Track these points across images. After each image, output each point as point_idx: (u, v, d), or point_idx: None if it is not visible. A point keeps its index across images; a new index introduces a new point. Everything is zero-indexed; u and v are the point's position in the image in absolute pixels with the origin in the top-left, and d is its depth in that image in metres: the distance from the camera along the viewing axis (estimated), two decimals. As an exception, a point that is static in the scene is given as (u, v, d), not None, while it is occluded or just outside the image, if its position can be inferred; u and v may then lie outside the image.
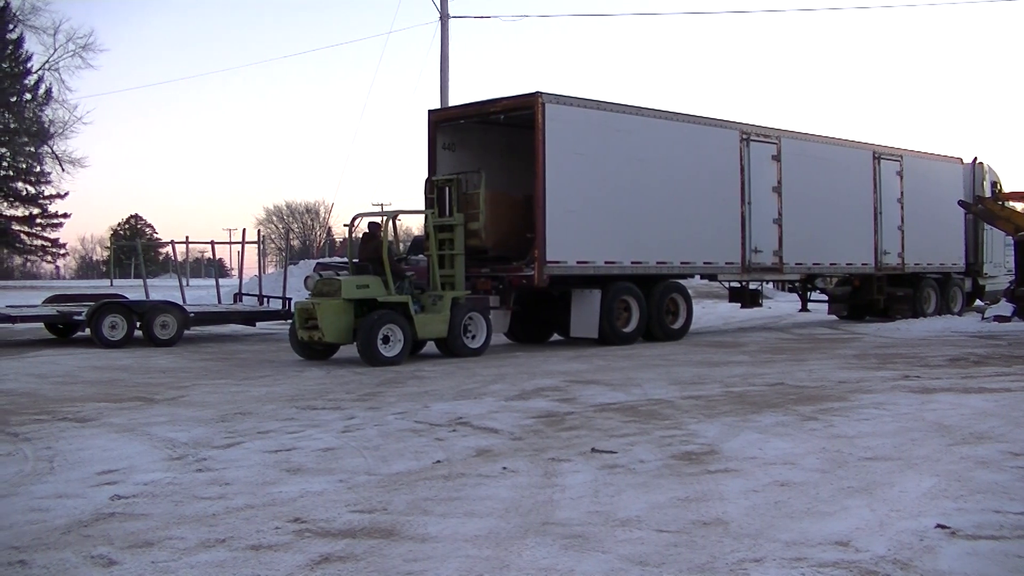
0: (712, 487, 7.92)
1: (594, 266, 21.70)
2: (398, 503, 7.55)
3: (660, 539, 6.49)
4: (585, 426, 11.08)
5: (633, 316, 22.60)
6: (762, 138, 25.49)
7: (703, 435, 10.35)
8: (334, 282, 19.03)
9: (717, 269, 24.94)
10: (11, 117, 71.57)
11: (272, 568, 6.04)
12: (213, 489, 8.14)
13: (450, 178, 21.14)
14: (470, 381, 15.70)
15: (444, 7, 38.76)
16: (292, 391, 14.74)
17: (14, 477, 8.77)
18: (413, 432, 10.84)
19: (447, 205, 20.93)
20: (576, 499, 7.60)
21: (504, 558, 6.15)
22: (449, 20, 38.95)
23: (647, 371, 16.72)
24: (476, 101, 22.98)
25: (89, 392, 14.90)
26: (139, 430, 11.23)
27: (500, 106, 22.00)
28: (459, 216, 20.48)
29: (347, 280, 19.01)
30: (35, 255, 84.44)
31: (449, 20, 38.95)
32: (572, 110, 21.32)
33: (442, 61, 38.56)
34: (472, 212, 20.97)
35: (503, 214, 21.60)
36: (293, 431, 11.03)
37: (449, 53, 38.70)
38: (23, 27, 70.64)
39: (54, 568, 6.09)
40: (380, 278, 18.81)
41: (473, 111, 22.90)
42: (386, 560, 6.15)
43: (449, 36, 38.82)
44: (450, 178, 21.14)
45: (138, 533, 6.81)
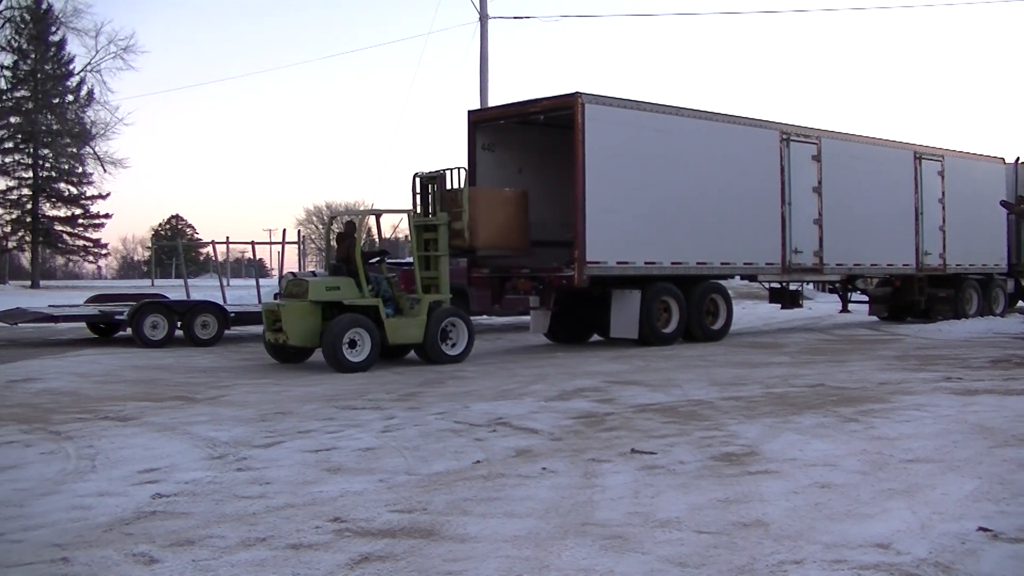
0: (752, 488, 7.90)
1: (634, 267, 21.64)
2: (438, 503, 7.57)
3: (700, 540, 6.49)
4: (625, 427, 11.08)
5: (673, 317, 22.54)
6: (802, 138, 25.37)
7: (743, 436, 10.32)
8: (302, 283, 18.41)
9: (757, 270, 24.84)
10: (53, 118, 72.15)
11: (312, 567, 6.06)
12: (254, 488, 8.18)
13: (434, 174, 20.35)
14: (510, 381, 15.71)
15: (483, 8, 38.78)
16: (332, 391, 14.78)
17: (57, 475, 8.83)
18: (453, 432, 10.85)
19: (431, 203, 20.19)
20: (616, 500, 7.60)
21: (543, 558, 6.16)
22: (488, 20, 38.97)
23: (687, 372, 16.68)
24: (516, 101, 22.94)
25: (130, 391, 14.98)
26: (180, 429, 11.29)
27: (540, 106, 21.95)
28: (442, 215, 19.55)
29: (315, 281, 18.48)
30: (77, 255, 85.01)
31: (488, 20, 38.97)
32: (612, 110, 21.27)
33: (481, 61, 38.57)
34: (456, 211, 20.02)
35: (491, 212, 20.62)
36: (333, 431, 11.07)
37: (488, 53, 38.74)
38: (65, 29, 71.37)
39: (96, 566, 6.14)
40: (354, 280, 18.29)
41: (513, 111, 22.86)
42: (426, 560, 6.16)
43: (488, 36, 38.86)
44: (434, 174, 20.35)
45: (179, 532, 6.86)
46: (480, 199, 20.22)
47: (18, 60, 73.99)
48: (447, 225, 19.37)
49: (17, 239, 79.29)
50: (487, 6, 38.91)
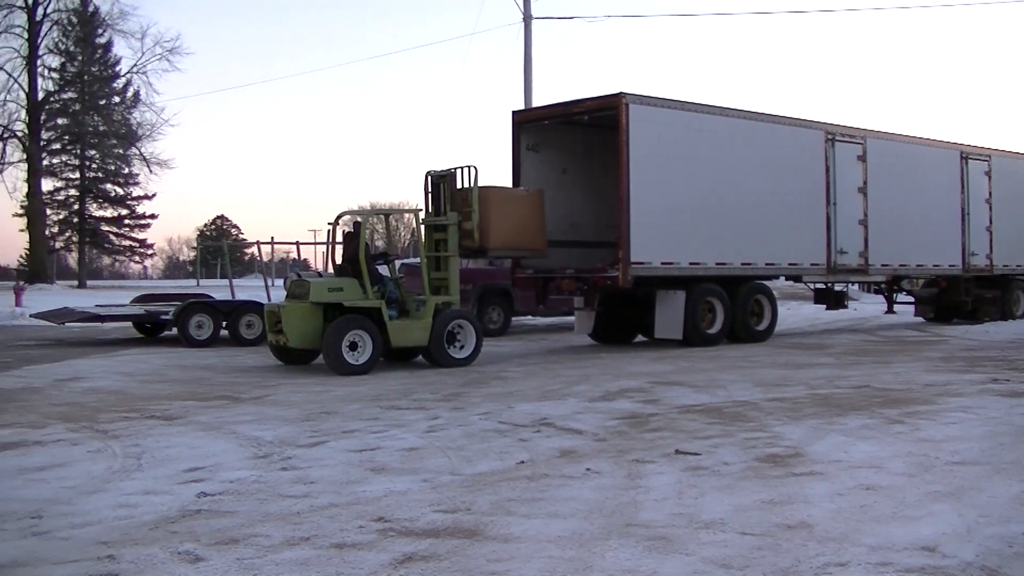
0: (797, 490, 7.87)
1: (678, 267, 21.58)
2: (481, 503, 7.57)
3: (744, 542, 6.47)
4: (669, 427, 11.05)
5: (717, 317, 22.47)
6: (847, 138, 25.24)
7: (788, 437, 10.28)
8: (305, 284, 18.02)
9: (802, 270, 24.72)
10: (100, 120, 72.81)
11: (355, 566, 6.08)
12: (298, 488, 8.21)
13: (444, 173, 19.75)
14: (554, 382, 15.70)
15: (527, 8, 38.87)
16: (376, 391, 14.81)
17: (103, 473, 8.89)
18: (497, 432, 10.86)
19: (441, 203, 19.64)
20: (660, 501, 7.58)
21: (587, 559, 6.16)
22: (532, 21, 39.03)
23: (731, 373, 16.63)
24: (560, 102, 22.92)
25: (176, 390, 15.06)
26: (225, 428, 11.35)
27: (584, 107, 21.93)
28: (452, 215, 19.04)
29: (317, 282, 18.11)
30: (123, 255, 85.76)
31: (532, 21, 39.03)
32: (656, 111, 21.22)
33: (525, 62, 38.65)
34: (466, 211, 19.36)
35: (503, 212, 19.88)
36: (377, 431, 11.09)
37: (532, 54, 38.78)
38: (112, 32, 72.08)
39: (142, 563, 6.18)
40: (358, 281, 17.84)
41: (557, 112, 22.85)
42: (469, 560, 6.17)
43: (532, 37, 38.90)
44: (444, 173, 19.75)
45: (224, 530, 6.89)
46: (492, 198, 19.65)
47: (65, 62, 74.66)
48: (457, 225, 18.99)
49: (64, 239, 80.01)
50: (531, 7, 38.99)
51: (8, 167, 69.85)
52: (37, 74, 69.89)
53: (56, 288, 59.54)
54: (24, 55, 68.65)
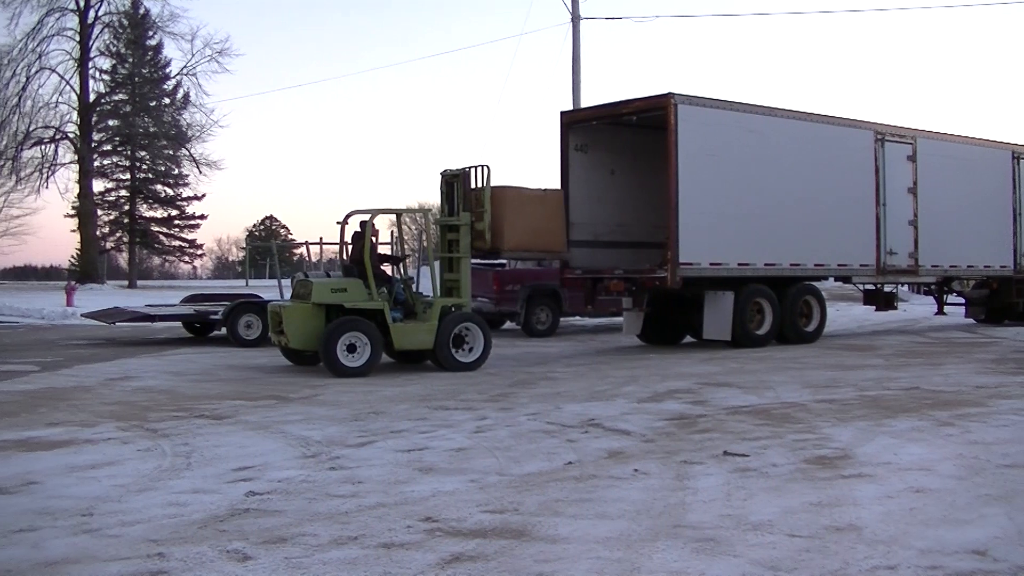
0: (846, 492, 7.84)
1: (727, 268, 21.53)
2: (529, 504, 7.58)
3: (792, 544, 6.45)
4: (717, 429, 11.03)
5: (766, 318, 22.40)
6: (897, 138, 25.09)
7: (837, 439, 10.24)
8: (308, 284, 17.77)
9: (851, 271, 24.60)
10: (150, 121, 73.32)
11: (403, 566, 6.09)
12: (346, 487, 8.24)
13: (457, 172, 19.24)
14: (602, 383, 15.69)
15: (575, 9, 38.88)
16: (424, 391, 14.84)
17: (153, 472, 8.95)
18: (545, 433, 10.86)
19: (455, 203, 19.21)
20: (707, 502, 7.57)
21: (635, 560, 6.15)
22: (580, 22, 39.01)
23: (780, 374, 16.58)
24: (608, 102, 22.91)
25: (225, 390, 15.15)
26: (274, 428, 11.40)
27: (632, 107, 21.91)
28: (465, 215, 18.64)
29: (320, 283, 17.80)
30: (173, 255, 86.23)
31: (580, 22, 39.01)
32: (704, 111, 21.17)
33: (573, 63, 38.66)
34: (479, 211, 18.88)
35: (518, 212, 19.33)
36: (425, 431, 11.12)
37: (581, 54, 38.77)
38: (162, 34, 72.58)
39: (191, 561, 6.22)
40: (363, 281, 17.51)
41: (605, 112, 22.84)
42: (517, 560, 6.17)
43: (580, 37, 38.89)
44: (457, 172, 19.24)
45: (272, 529, 6.92)
46: (507, 199, 19.17)
47: (116, 64, 75.23)
48: (470, 225, 18.66)
49: (115, 240, 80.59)
50: (579, 7, 38.97)
51: (60, 168, 70.45)
52: (89, 76, 70.40)
53: (107, 288, 60.00)
54: (76, 57, 69.17)
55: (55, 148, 69.16)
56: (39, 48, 66.67)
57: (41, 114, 67.80)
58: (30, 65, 66.61)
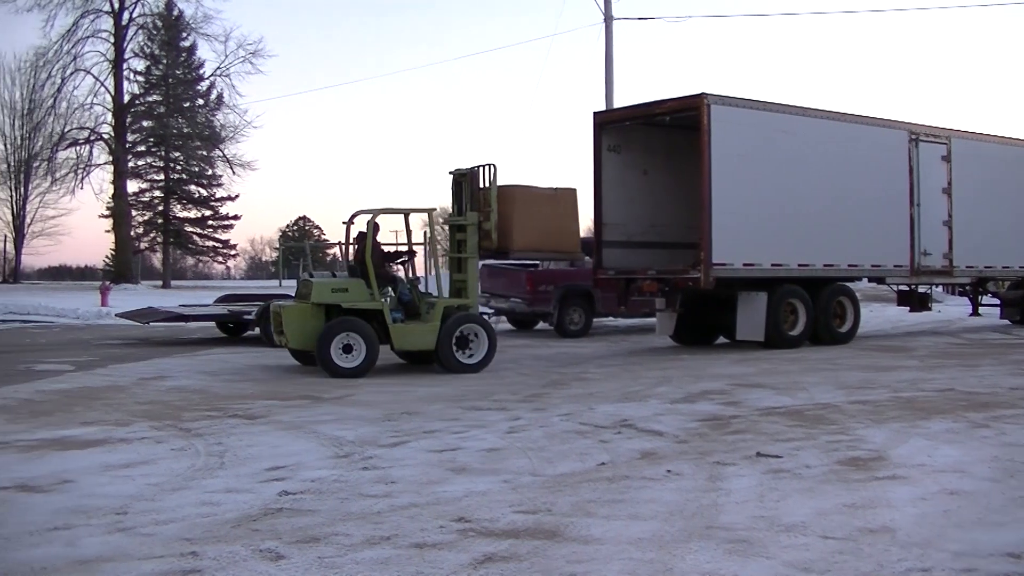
0: (879, 494, 7.81)
1: (760, 268, 21.46)
2: (562, 504, 7.57)
3: (825, 546, 6.43)
4: (750, 430, 11.00)
5: (799, 319, 22.32)
6: (931, 138, 24.95)
7: (870, 441, 10.19)
8: (310, 284, 17.70)
9: (885, 272, 24.49)
10: (184, 122, 73.76)
11: (436, 566, 6.10)
12: (379, 487, 8.25)
13: (464, 172, 18.99)
14: (635, 383, 15.67)
15: (608, 9, 38.79)
16: (457, 391, 14.85)
17: (186, 471, 8.99)
18: (578, 434, 10.85)
19: (463, 202, 19.00)
20: (740, 503, 7.55)
21: (667, 561, 6.14)
22: (613, 22, 38.95)
23: (813, 375, 16.51)
24: (641, 103, 22.85)
25: (258, 390, 15.20)
26: (307, 428, 11.43)
27: (665, 107, 21.86)
28: (472, 215, 18.41)
29: (320, 283, 17.74)
30: (207, 256, 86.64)
31: (613, 22, 38.95)
32: (737, 111, 21.10)
33: (606, 63, 38.58)
34: (486, 210, 18.57)
35: (528, 212, 18.98)
36: (458, 431, 11.13)
37: (613, 55, 38.71)
38: (196, 35, 73.05)
39: (224, 560, 6.25)
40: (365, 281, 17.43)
41: (638, 113, 22.79)
42: (549, 561, 6.17)
43: (613, 38, 38.83)
44: (464, 172, 18.99)
45: (305, 528, 6.94)
46: (516, 198, 18.92)
47: (150, 66, 75.68)
48: (477, 225, 18.41)
49: (149, 240, 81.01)
50: (611, 7, 38.91)
51: (95, 169, 70.99)
52: (123, 77, 70.83)
53: (141, 288, 60.29)
54: (110, 59, 69.61)
55: (90, 149, 69.80)
56: (74, 50, 67.33)
57: (76, 115, 68.49)
58: (65, 67, 67.30)
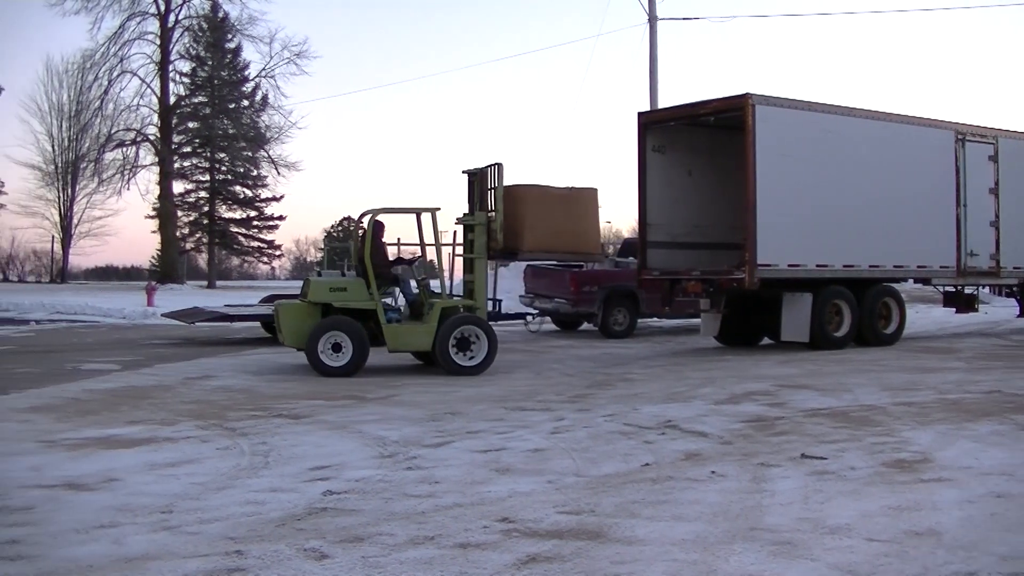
0: (925, 496, 7.77)
1: (805, 269, 21.36)
2: (606, 505, 7.57)
3: (870, 548, 6.40)
4: (795, 431, 10.96)
5: (844, 320, 22.20)
6: (978, 138, 24.75)
7: (916, 443, 10.14)
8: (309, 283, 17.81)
9: (931, 273, 24.32)
10: (230, 123, 74.16)
11: (479, 566, 6.11)
12: (422, 487, 8.27)
13: (475, 171, 18.97)
14: (679, 384, 15.64)
15: (652, 9, 38.74)
16: (501, 391, 14.86)
17: (231, 471, 9.04)
18: (622, 434, 10.84)
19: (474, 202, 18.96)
20: (785, 505, 7.53)
21: (711, 563, 6.13)
22: (657, 22, 38.90)
23: (858, 376, 16.43)
24: (685, 103, 22.79)
25: (303, 390, 15.25)
26: (351, 428, 11.46)
27: (709, 108, 21.80)
28: (480, 215, 18.30)
29: (318, 282, 17.87)
30: (252, 256, 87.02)
31: (657, 22, 38.90)
32: (782, 111, 21.02)
33: (651, 63, 38.56)
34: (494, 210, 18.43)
35: (539, 212, 18.76)
36: (502, 431, 11.14)
37: (657, 55, 38.66)
38: (241, 37, 73.44)
39: (268, 559, 6.28)
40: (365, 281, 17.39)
41: (682, 113, 22.75)
42: (593, 562, 6.17)
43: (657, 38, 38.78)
44: (475, 171, 18.97)
45: (349, 528, 6.97)
46: (527, 198, 18.76)
47: (196, 67, 76.20)
48: (485, 226, 18.23)
49: (195, 240, 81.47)
50: (656, 8, 38.86)
51: (141, 170, 71.50)
52: (169, 79, 71.39)
53: (186, 288, 60.66)
54: (156, 61, 70.14)
55: (136, 150, 70.33)
56: (120, 52, 67.85)
57: (123, 117, 69.01)
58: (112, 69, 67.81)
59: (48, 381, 16.21)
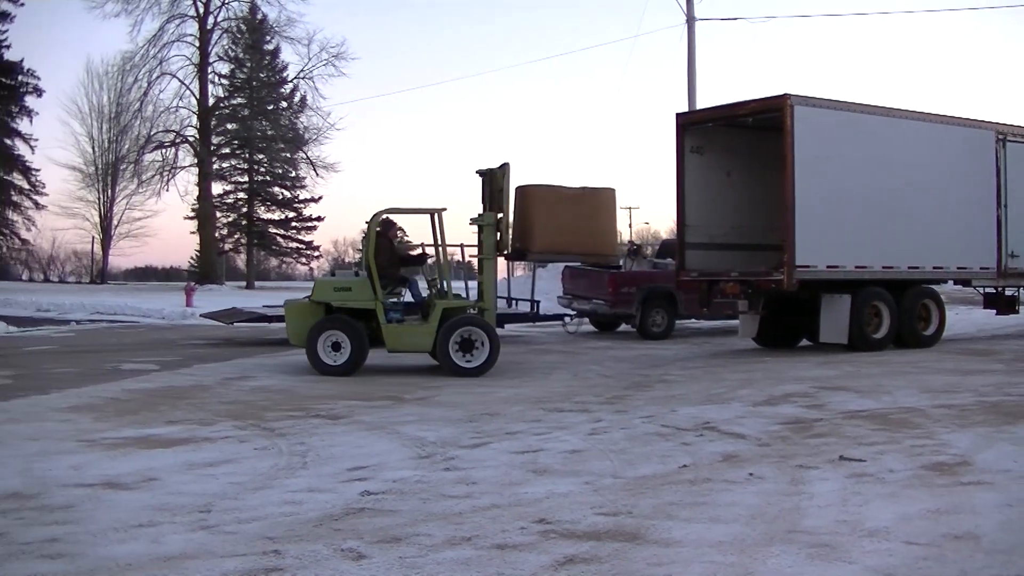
0: (964, 499, 7.72)
1: (844, 271, 21.25)
2: (643, 507, 7.56)
3: (909, 551, 6.37)
4: (833, 433, 10.91)
5: (883, 322, 22.08)
6: (1020, 138, 24.50)
7: (955, 445, 10.08)
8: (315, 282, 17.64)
9: (971, 274, 24.16)
10: (268, 125, 74.52)
11: (516, 567, 6.12)
12: (460, 488, 8.28)
13: (486, 171, 18.61)
14: (717, 386, 15.60)
15: (690, 10, 38.70)
16: (539, 393, 14.86)
17: (269, 471, 9.07)
18: (659, 436, 10.82)
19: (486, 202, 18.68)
20: (823, 507, 7.50)
21: (748, 565, 6.12)
22: (695, 23, 38.84)
23: (897, 378, 16.35)
24: (724, 104, 22.72)
25: (341, 390, 15.28)
26: (389, 428, 11.49)
27: (748, 108, 21.73)
28: (489, 215, 18.03)
29: (323, 281, 18.24)
30: (290, 257, 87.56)
31: (695, 23, 38.84)
32: (821, 112, 20.92)
33: (688, 64, 38.52)
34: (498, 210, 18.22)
35: (548, 213, 18.51)
36: (540, 432, 11.13)
37: (696, 55, 38.60)
38: (279, 38, 73.87)
39: (306, 559, 6.30)
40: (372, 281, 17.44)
41: (721, 114, 22.67)
42: (630, 563, 6.17)
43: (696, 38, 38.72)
44: (486, 171, 18.61)
45: (386, 529, 6.99)
46: (537, 198, 18.58)
47: (235, 69, 76.71)
48: (494, 226, 18.01)
49: (233, 241, 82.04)
50: (694, 8, 38.80)
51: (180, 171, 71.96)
52: (208, 81, 71.87)
53: (225, 289, 61.03)
54: (195, 63, 70.60)
55: (175, 152, 70.84)
56: (160, 54, 68.35)
57: (162, 118, 69.51)
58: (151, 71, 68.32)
59: (88, 381, 16.31)
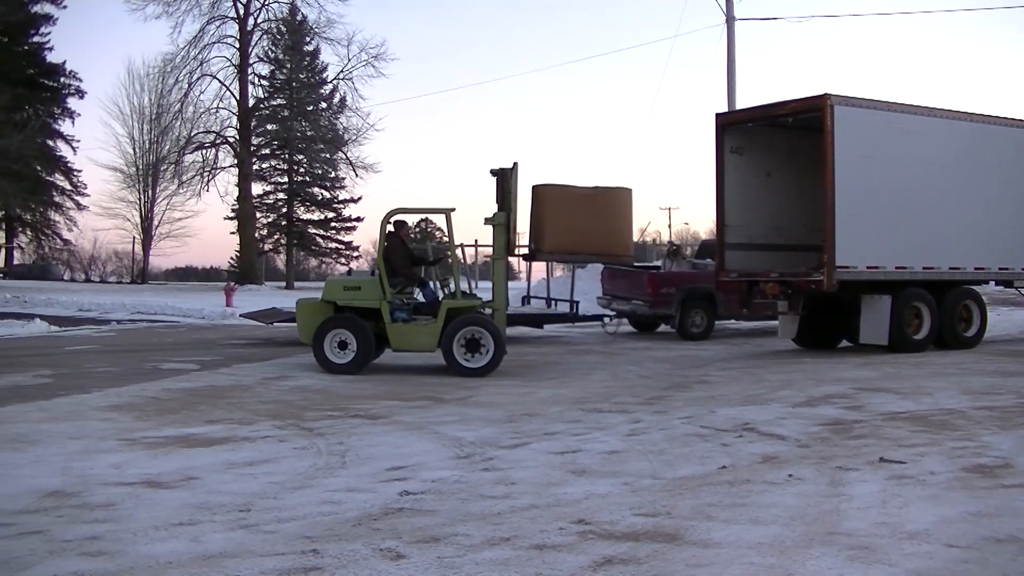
0: (1006, 502, 7.67)
1: (884, 272, 21.14)
2: (682, 508, 7.54)
3: (949, 554, 6.33)
4: (873, 435, 10.86)
5: (924, 323, 21.95)
6: (1065, 139, 24.40)
7: (997, 448, 10.01)
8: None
9: (1013, 275, 23.98)
10: (308, 125, 74.85)
11: (555, 568, 6.11)
12: (499, 488, 8.28)
13: (499, 171, 18.31)
14: (757, 387, 15.55)
15: (730, 9, 38.58)
16: (578, 393, 14.85)
17: (308, 470, 9.09)
18: (698, 437, 10.80)
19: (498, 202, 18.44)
20: (863, 509, 7.47)
21: (788, 566, 6.09)
22: (735, 23, 38.73)
23: (938, 380, 16.25)
24: (763, 104, 22.64)
25: (380, 390, 15.31)
26: (428, 428, 11.49)
27: (787, 108, 21.64)
28: (499, 215, 17.85)
29: (333, 280, 18.45)
30: (329, 257, 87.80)
31: (735, 23, 38.73)
32: (861, 112, 20.81)
33: (728, 64, 38.41)
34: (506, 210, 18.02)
35: (560, 212, 18.22)
36: (579, 433, 11.12)
37: (735, 55, 38.49)
38: (319, 39, 74.26)
39: (345, 559, 6.31)
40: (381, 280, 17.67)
41: (760, 114, 22.60)
42: (669, 564, 6.15)
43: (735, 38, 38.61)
44: (499, 171, 18.31)
45: (425, 528, 6.99)
46: (548, 198, 18.25)
47: (275, 70, 77.14)
48: (504, 225, 17.84)
49: (273, 241, 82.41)
50: (733, 8, 38.70)
51: (220, 172, 72.40)
52: (248, 82, 72.28)
53: (265, 289, 61.33)
54: (236, 64, 71.03)
55: (215, 152, 71.33)
56: (200, 55, 68.85)
57: (202, 119, 70.06)
58: (192, 72, 68.83)
59: (128, 380, 16.39)
